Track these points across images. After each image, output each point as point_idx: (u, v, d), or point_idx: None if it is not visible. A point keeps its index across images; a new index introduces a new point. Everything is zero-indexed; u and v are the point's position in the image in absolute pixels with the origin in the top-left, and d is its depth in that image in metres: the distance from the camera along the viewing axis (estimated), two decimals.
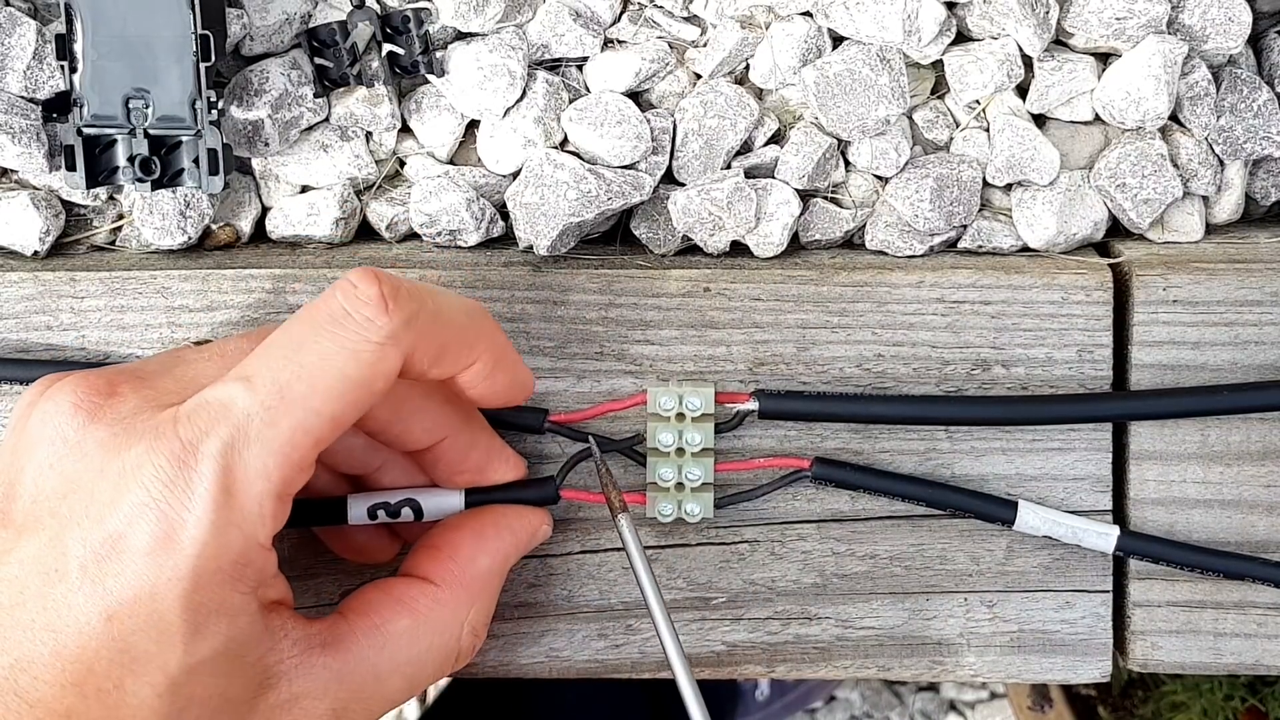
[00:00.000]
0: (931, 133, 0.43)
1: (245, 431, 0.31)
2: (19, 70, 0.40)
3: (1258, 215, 0.45)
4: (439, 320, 0.33)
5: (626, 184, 0.41)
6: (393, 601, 0.36)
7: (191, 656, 0.30)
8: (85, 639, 0.30)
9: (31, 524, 0.31)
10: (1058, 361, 0.41)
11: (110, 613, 0.30)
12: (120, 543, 0.30)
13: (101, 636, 0.30)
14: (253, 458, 0.31)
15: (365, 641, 0.35)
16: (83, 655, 0.30)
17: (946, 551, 0.41)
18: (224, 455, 0.30)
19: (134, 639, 0.30)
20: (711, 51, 0.42)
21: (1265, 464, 0.41)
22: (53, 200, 0.43)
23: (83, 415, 0.32)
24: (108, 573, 0.30)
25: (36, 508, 0.31)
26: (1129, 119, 0.41)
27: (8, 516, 0.31)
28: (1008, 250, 0.43)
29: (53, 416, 0.32)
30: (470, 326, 0.34)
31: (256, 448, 0.31)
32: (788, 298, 0.41)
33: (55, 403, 0.32)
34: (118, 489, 0.30)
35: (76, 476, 0.31)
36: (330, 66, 0.42)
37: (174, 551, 0.30)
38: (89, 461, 0.31)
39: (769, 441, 0.41)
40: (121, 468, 0.31)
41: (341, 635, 0.35)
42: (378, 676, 0.35)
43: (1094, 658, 0.42)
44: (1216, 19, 0.41)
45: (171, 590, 0.30)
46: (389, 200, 0.43)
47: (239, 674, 0.32)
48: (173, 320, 0.41)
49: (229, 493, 0.30)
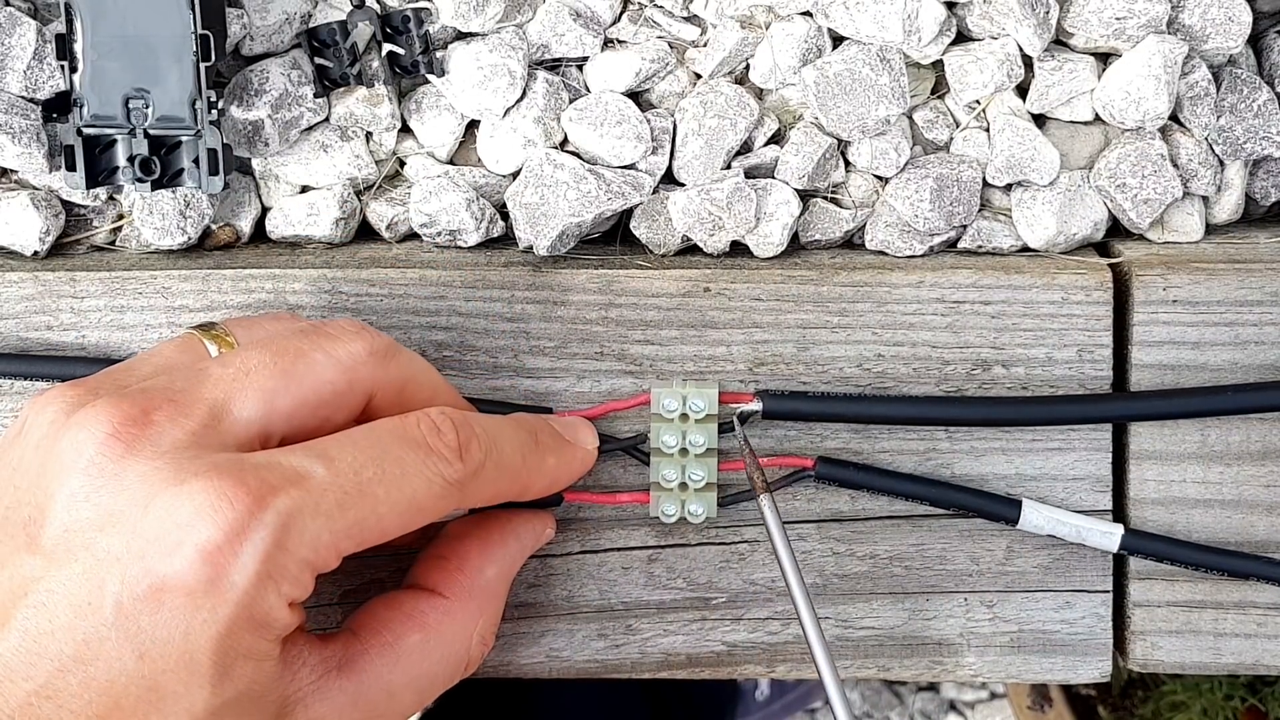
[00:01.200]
0: (931, 133, 0.43)
1: (316, 504, 0.31)
2: (19, 70, 0.40)
3: (1258, 215, 0.45)
4: (500, 470, 0.35)
5: (626, 184, 0.41)
6: (403, 617, 0.36)
7: (217, 698, 0.30)
8: (115, 674, 0.30)
9: (63, 554, 0.30)
10: (1058, 361, 0.41)
11: (143, 650, 0.30)
12: (162, 582, 0.30)
13: (132, 674, 0.30)
14: (311, 529, 0.31)
15: (378, 661, 0.35)
16: (111, 690, 0.30)
17: (946, 551, 0.41)
18: (288, 515, 0.30)
19: (163, 679, 0.30)
20: (711, 51, 0.42)
21: (1265, 464, 0.41)
22: (53, 200, 0.43)
23: (120, 445, 0.31)
24: (143, 611, 0.30)
25: (69, 538, 0.30)
26: (1129, 119, 0.41)
27: (36, 543, 0.31)
28: (1008, 250, 0.43)
29: (86, 445, 0.31)
30: (523, 471, 0.36)
31: (321, 521, 0.31)
32: (788, 298, 0.41)
33: (89, 431, 0.31)
34: (164, 525, 0.30)
35: (115, 510, 0.30)
36: (330, 66, 0.42)
37: (216, 596, 0.30)
38: (129, 495, 0.30)
39: (769, 441, 0.41)
40: (170, 506, 0.30)
41: (355, 656, 0.35)
42: (391, 693, 0.35)
43: (1094, 658, 0.42)
44: (1216, 19, 0.41)
45: (205, 633, 0.30)
46: (389, 200, 0.43)
47: (259, 711, 0.32)
48: (173, 320, 0.41)
49: (282, 550, 0.30)
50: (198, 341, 0.36)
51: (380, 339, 0.35)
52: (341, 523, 0.31)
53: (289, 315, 0.38)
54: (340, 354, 0.34)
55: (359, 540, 0.32)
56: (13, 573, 0.30)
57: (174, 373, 0.33)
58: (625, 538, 0.42)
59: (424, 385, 0.36)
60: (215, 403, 0.32)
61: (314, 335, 0.34)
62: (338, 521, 0.31)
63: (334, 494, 0.31)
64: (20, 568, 0.30)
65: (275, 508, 0.30)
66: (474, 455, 0.34)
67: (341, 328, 0.35)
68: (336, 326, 0.35)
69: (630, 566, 0.42)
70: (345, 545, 0.32)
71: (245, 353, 0.34)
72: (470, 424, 0.35)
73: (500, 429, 0.36)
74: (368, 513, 0.32)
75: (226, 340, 0.36)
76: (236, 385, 0.33)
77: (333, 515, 0.31)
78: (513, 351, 0.41)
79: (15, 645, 0.30)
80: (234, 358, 0.33)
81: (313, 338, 0.34)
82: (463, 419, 0.34)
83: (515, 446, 0.36)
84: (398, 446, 0.33)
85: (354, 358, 0.34)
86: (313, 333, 0.34)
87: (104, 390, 0.33)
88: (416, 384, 0.36)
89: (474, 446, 0.34)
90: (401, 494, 0.32)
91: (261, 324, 0.37)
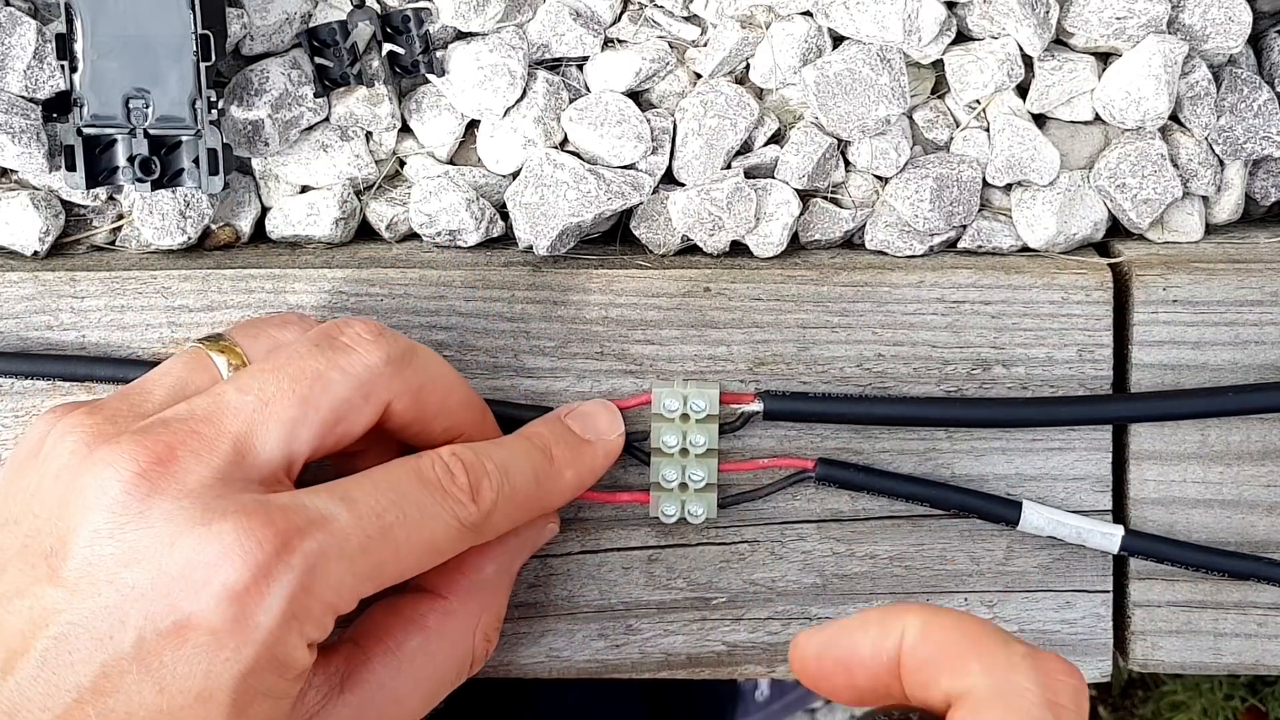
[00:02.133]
0: (931, 133, 0.43)
1: (341, 547, 0.31)
2: (19, 70, 0.40)
3: (1258, 215, 0.45)
4: (513, 503, 0.36)
5: (626, 184, 0.41)
6: (404, 622, 0.36)
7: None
8: (133, 708, 0.30)
9: (86, 587, 0.30)
10: (1058, 361, 0.41)
11: (162, 685, 0.30)
12: (187, 620, 0.30)
13: (150, 708, 0.30)
14: (335, 572, 0.31)
15: (382, 669, 0.35)
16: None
17: (946, 551, 0.41)
18: (315, 558, 0.31)
19: (182, 714, 0.30)
20: (711, 51, 0.42)
21: (1265, 464, 0.41)
22: (53, 200, 0.43)
23: (146, 485, 0.31)
24: (166, 647, 0.30)
25: (93, 571, 0.30)
26: (1129, 119, 0.41)
27: (58, 575, 0.31)
28: (1008, 250, 0.43)
29: (111, 484, 0.31)
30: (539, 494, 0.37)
31: (345, 565, 0.31)
32: (788, 298, 0.41)
33: (115, 469, 0.31)
34: (191, 565, 0.30)
35: (140, 547, 0.30)
36: (330, 66, 0.42)
37: (240, 636, 0.30)
38: (155, 533, 0.30)
39: (769, 441, 0.41)
40: (198, 546, 0.30)
41: (357, 668, 0.35)
42: (397, 700, 0.35)
43: (1094, 658, 0.42)
44: (1216, 19, 0.41)
45: (227, 672, 0.30)
46: (389, 200, 0.43)
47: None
48: (173, 320, 0.41)
49: (308, 593, 0.31)
50: (206, 357, 0.36)
51: (396, 344, 0.35)
52: (364, 565, 0.32)
53: (296, 318, 0.38)
54: (357, 369, 0.34)
55: (378, 583, 0.33)
56: (33, 603, 0.30)
57: (192, 402, 0.33)
58: (625, 538, 0.42)
59: (440, 386, 0.36)
60: (238, 436, 0.32)
61: (329, 351, 0.34)
62: (360, 565, 0.32)
63: (357, 538, 0.32)
64: (41, 598, 0.30)
65: (302, 550, 0.30)
66: (486, 496, 0.34)
67: (357, 336, 0.35)
68: (351, 334, 0.35)
69: (630, 566, 0.42)
70: (365, 588, 0.32)
71: (263, 377, 0.33)
72: (480, 462, 0.35)
73: (511, 458, 0.36)
74: (389, 556, 0.32)
75: (235, 352, 0.36)
76: (258, 417, 0.33)
77: (355, 559, 0.31)
78: (513, 351, 0.41)
79: (34, 675, 0.30)
80: (252, 383, 0.33)
81: (328, 354, 0.34)
82: (473, 458, 0.35)
83: (528, 474, 0.36)
84: (415, 489, 0.33)
85: (370, 371, 0.34)
86: (327, 347, 0.34)
87: (121, 418, 0.33)
88: (433, 385, 0.36)
89: (485, 487, 0.34)
90: (421, 536, 0.33)
91: (268, 331, 0.37)
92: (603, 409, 0.40)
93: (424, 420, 0.36)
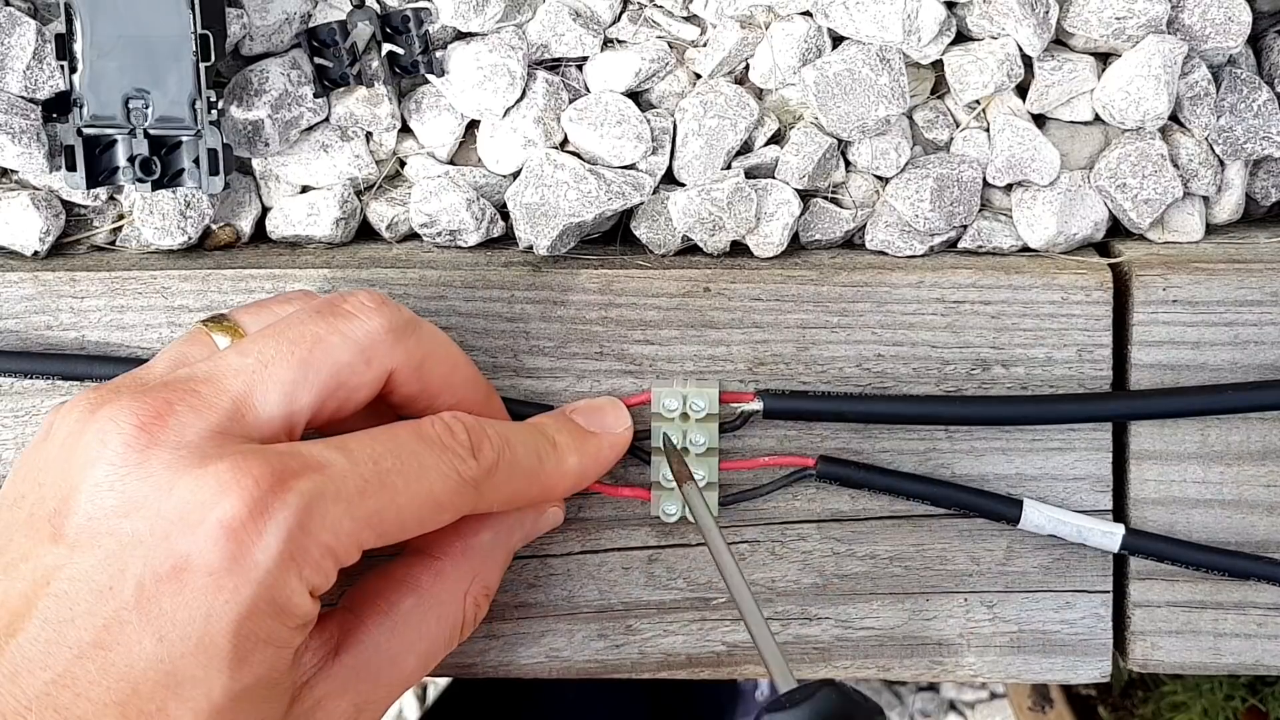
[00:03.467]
0: (931, 133, 0.43)
1: (337, 490, 0.31)
2: (19, 70, 0.40)
3: (1258, 215, 0.45)
4: (514, 471, 0.36)
5: (626, 184, 0.41)
6: (395, 584, 0.36)
7: (235, 684, 0.30)
8: (133, 659, 0.30)
9: (87, 541, 0.30)
10: (1058, 361, 0.41)
11: (162, 634, 0.30)
12: (185, 562, 0.30)
13: (150, 658, 0.30)
14: (333, 512, 0.31)
15: (375, 631, 0.35)
16: (129, 675, 0.30)
17: (946, 551, 0.41)
18: (311, 497, 0.31)
19: (182, 662, 0.30)
20: (711, 51, 0.42)
21: (1265, 464, 0.41)
22: (53, 200, 0.43)
23: (145, 437, 0.31)
24: (165, 592, 0.30)
25: (93, 525, 0.31)
26: (1129, 119, 0.41)
27: (60, 532, 0.31)
28: (1008, 250, 0.43)
29: (111, 438, 0.31)
30: (541, 474, 0.37)
31: (342, 508, 0.31)
32: (788, 298, 0.41)
33: (115, 423, 0.31)
34: (188, 506, 0.30)
35: (139, 496, 0.31)
36: (330, 66, 0.42)
37: (238, 575, 0.30)
38: (154, 481, 0.31)
39: (769, 441, 0.41)
40: (194, 485, 0.30)
41: (352, 630, 0.35)
42: (392, 660, 0.35)
43: (1094, 658, 0.42)
44: (1216, 19, 0.41)
45: (226, 615, 0.30)
46: (389, 200, 0.43)
47: (274, 699, 0.32)
48: (173, 320, 0.41)
49: (305, 532, 0.31)
50: (206, 335, 0.36)
51: (399, 314, 0.35)
52: (362, 510, 0.32)
53: (300, 295, 0.38)
54: (358, 334, 0.34)
55: (379, 532, 0.32)
56: (36, 564, 0.31)
57: (194, 366, 0.34)
58: (625, 538, 0.42)
59: (443, 360, 0.36)
60: (237, 395, 0.32)
61: (330, 316, 0.34)
62: (358, 509, 0.32)
63: (354, 481, 0.32)
64: (44, 559, 0.31)
65: (298, 489, 0.31)
66: (486, 454, 0.34)
67: (360, 303, 0.35)
68: (354, 302, 0.35)
69: (630, 566, 0.42)
70: (366, 536, 0.32)
71: (263, 341, 0.34)
72: (481, 426, 0.35)
73: (513, 432, 0.36)
74: (387, 503, 0.32)
75: (237, 332, 0.36)
76: (256, 377, 0.33)
77: (353, 501, 0.31)
78: (512, 351, 0.41)
79: (35, 635, 0.30)
80: (252, 346, 0.33)
81: (329, 319, 0.34)
82: (474, 422, 0.35)
83: (529, 449, 0.36)
84: (414, 443, 0.33)
85: (371, 337, 0.34)
86: (329, 313, 0.34)
87: (124, 388, 0.33)
88: (436, 359, 0.36)
89: (486, 446, 0.35)
90: (420, 486, 0.33)
91: (271, 308, 0.37)
92: (609, 404, 0.40)
93: (429, 394, 0.36)
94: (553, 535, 0.41)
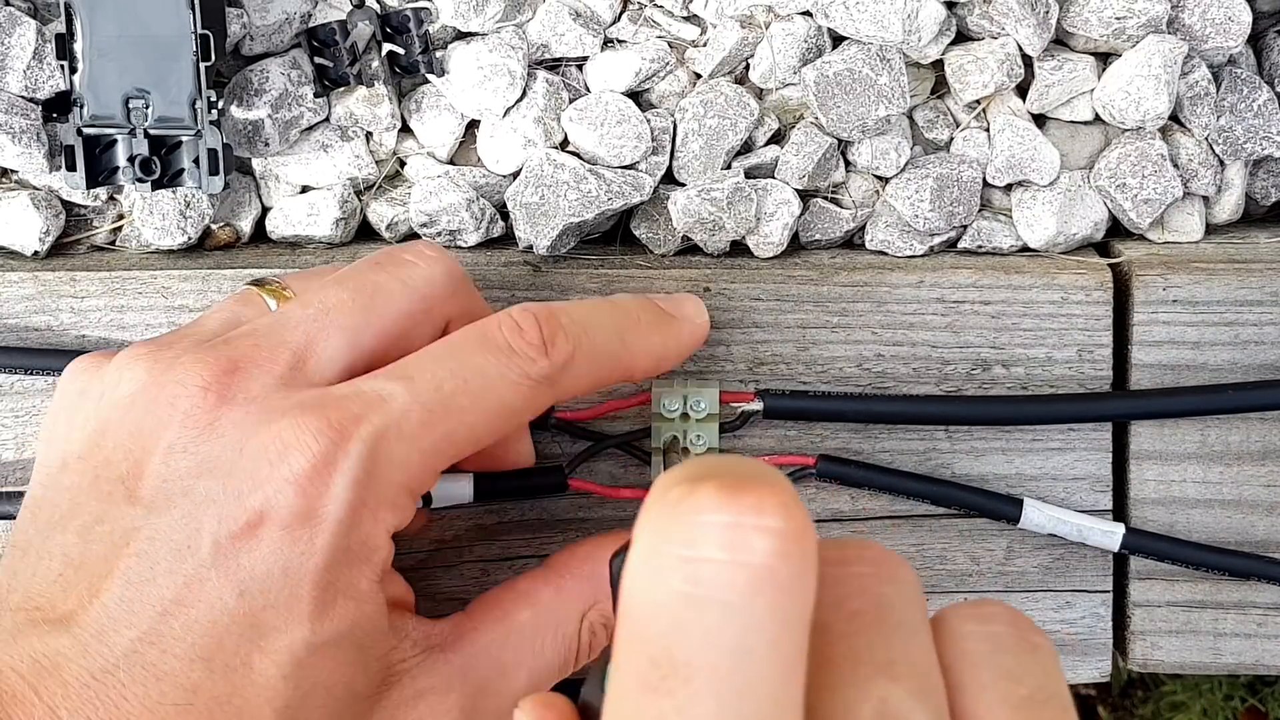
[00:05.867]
0: (931, 133, 0.43)
1: (400, 425, 0.31)
2: (19, 70, 0.40)
3: (1258, 215, 0.45)
4: (594, 358, 0.34)
5: (626, 184, 0.41)
6: (516, 595, 0.36)
7: (317, 636, 0.30)
8: (216, 614, 0.30)
9: (162, 502, 0.31)
10: (1058, 361, 0.41)
11: (243, 588, 0.30)
12: (258, 517, 0.30)
13: (233, 612, 0.30)
14: (399, 450, 0.31)
15: (488, 636, 0.35)
16: (213, 630, 0.30)
17: (946, 551, 0.41)
18: (374, 441, 0.31)
19: (264, 615, 0.30)
20: (711, 51, 0.42)
21: (1265, 464, 0.41)
22: (53, 200, 0.43)
23: (213, 396, 0.31)
24: (242, 548, 0.30)
25: (168, 486, 0.31)
26: (1129, 119, 0.41)
27: (135, 494, 0.31)
28: (1008, 250, 0.43)
29: (180, 400, 0.31)
30: (623, 354, 0.36)
31: (407, 443, 0.31)
32: (788, 298, 0.41)
33: (183, 386, 0.32)
34: (257, 464, 0.30)
35: (212, 456, 0.31)
36: (330, 66, 0.42)
37: (311, 527, 0.30)
38: (225, 440, 0.31)
39: (769, 441, 0.41)
40: (262, 444, 0.31)
41: (464, 631, 0.35)
42: (503, 670, 0.35)
43: (1094, 658, 0.42)
44: (1216, 19, 0.41)
45: (304, 565, 0.30)
46: (389, 200, 0.43)
47: (362, 665, 0.32)
48: (173, 320, 0.41)
49: (372, 477, 0.31)
50: (257, 295, 0.36)
51: (457, 265, 0.35)
52: (429, 440, 0.32)
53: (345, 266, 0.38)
54: (417, 281, 0.34)
55: (452, 454, 0.32)
56: (113, 526, 0.31)
57: (255, 322, 0.34)
58: None
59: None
60: (299, 345, 0.33)
61: (389, 265, 0.34)
62: (424, 440, 0.32)
63: (417, 413, 0.31)
64: (121, 520, 0.31)
65: (359, 435, 0.31)
66: (561, 348, 0.34)
67: (419, 252, 0.35)
68: (414, 251, 0.35)
69: None
70: (437, 462, 0.32)
71: (324, 291, 0.34)
72: (555, 315, 0.34)
73: (593, 314, 0.35)
74: (455, 424, 0.32)
75: (284, 295, 0.36)
76: (318, 325, 0.33)
77: (418, 435, 0.31)
78: None
79: (119, 595, 0.30)
80: (314, 297, 0.34)
81: (388, 268, 0.34)
82: (547, 312, 0.34)
83: (611, 330, 0.35)
84: (478, 354, 0.33)
85: (430, 284, 0.34)
86: (388, 262, 0.35)
87: (180, 346, 0.33)
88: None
89: (560, 339, 0.34)
90: (488, 400, 0.33)
91: (317, 273, 0.37)
92: (687, 295, 0.39)
93: None
94: (553, 536, 0.41)
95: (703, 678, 0.19)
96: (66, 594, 0.30)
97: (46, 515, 0.32)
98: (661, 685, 0.19)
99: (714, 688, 0.19)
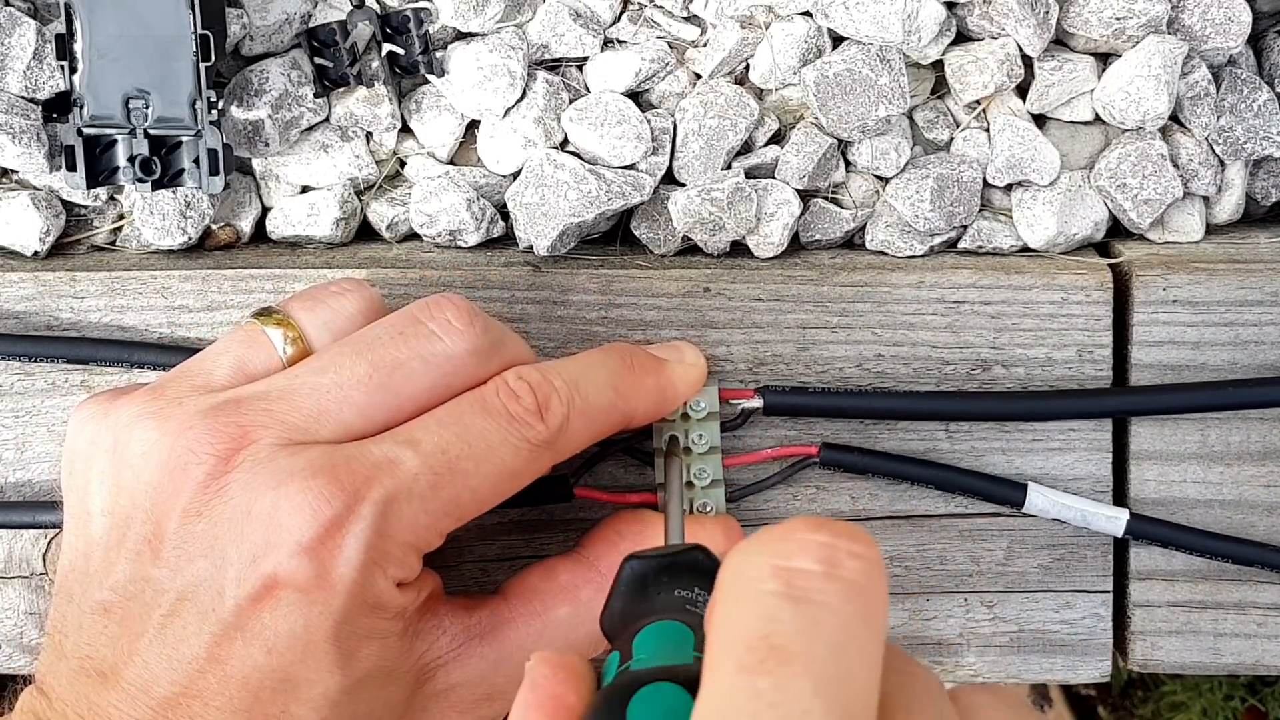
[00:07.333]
0: (931, 133, 0.43)
1: (409, 490, 0.32)
2: (19, 70, 0.40)
3: (1258, 215, 0.45)
4: (589, 414, 0.35)
5: (626, 184, 0.41)
6: (556, 589, 0.36)
7: (349, 679, 0.32)
8: (249, 671, 0.31)
9: (185, 563, 0.32)
10: (1058, 361, 0.41)
11: (270, 645, 0.31)
12: (273, 581, 0.31)
13: (264, 668, 0.31)
14: (408, 513, 0.32)
15: (524, 630, 0.36)
16: (248, 685, 0.31)
17: (946, 551, 0.41)
18: (384, 505, 0.31)
19: (294, 669, 0.31)
20: (711, 51, 0.42)
21: (1265, 464, 0.41)
22: (53, 200, 0.43)
23: (223, 464, 0.32)
24: (264, 609, 0.31)
25: (188, 548, 0.32)
26: (1129, 119, 0.41)
27: (159, 555, 0.32)
28: (1008, 250, 0.43)
29: (193, 468, 0.32)
30: (619, 403, 0.36)
31: (415, 505, 0.32)
32: (788, 298, 0.41)
33: (194, 454, 0.32)
34: (267, 527, 0.31)
35: (224, 520, 0.32)
36: (330, 66, 0.42)
37: (326, 589, 0.31)
38: (234, 504, 0.32)
39: (769, 440, 0.41)
40: (270, 508, 0.31)
41: (501, 624, 0.36)
42: None
43: (1094, 658, 0.42)
44: (1216, 19, 0.41)
45: (324, 624, 0.31)
46: (389, 200, 0.43)
47: (394, 683, 0.33)
48: (173, 320, 0.41)
49: (383, 538, 0.32)
50: (261, 333, 0.35)
51: (485, 335, 0.35)
52: (436, 503, 0.32)
53: (353, 284, 0.37)
54: (439, 359, 0.34)
55: (457, 516, 0.33)
56: (144, 586, 0.32)
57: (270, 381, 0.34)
58: None
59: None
60: (310, 414, 0.33)
61: (413, 338, 0.34)
62: (432, 503, 0.32)
63: (425, 477, 0.32)
64: (150, 581, 0.32)
65: (370, 499, 0.31)
66: (556, 412, 0.34)
67: (446, 323, 0.34)
68: (440, 321, 0.34)
69: None
70: (444, 524, 0.33)
71: (340, 359, 0.34)
72: (548, 379, 0.34)
73: (584, 370, 0.36)
74: (460, 489, 0.33)
75: (290, 325, 0.35)
76: (331, 399, 0.33)
77: (426, 497, 0.32)
78: None
79: (156, 652, 0.31)
80: (329, 364, 0.34)
81: (411, 342, 0.34)
82: (539, 377, 0.34)
83: (603, 383, 0.36)
84: (480, 420, 0.33)
85: (454, 362, 0.34)
86: (412, 334, 0.34)
87: (187, 398, 0.33)
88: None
89: (553, 403, 0.34)
90: (491, 465, 0.33)
91: (325, 302, 0.36)
92: (682, 342, 0.40)
93: None
94: (554, 537, 0.41)
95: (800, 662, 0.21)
96: (111, 647, 0.32)
97: (83, 567, 0.33)
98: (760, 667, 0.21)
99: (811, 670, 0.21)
